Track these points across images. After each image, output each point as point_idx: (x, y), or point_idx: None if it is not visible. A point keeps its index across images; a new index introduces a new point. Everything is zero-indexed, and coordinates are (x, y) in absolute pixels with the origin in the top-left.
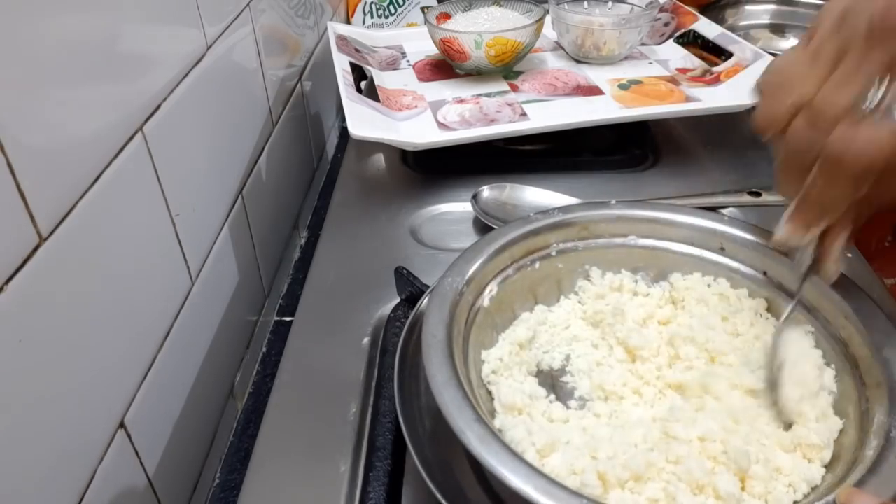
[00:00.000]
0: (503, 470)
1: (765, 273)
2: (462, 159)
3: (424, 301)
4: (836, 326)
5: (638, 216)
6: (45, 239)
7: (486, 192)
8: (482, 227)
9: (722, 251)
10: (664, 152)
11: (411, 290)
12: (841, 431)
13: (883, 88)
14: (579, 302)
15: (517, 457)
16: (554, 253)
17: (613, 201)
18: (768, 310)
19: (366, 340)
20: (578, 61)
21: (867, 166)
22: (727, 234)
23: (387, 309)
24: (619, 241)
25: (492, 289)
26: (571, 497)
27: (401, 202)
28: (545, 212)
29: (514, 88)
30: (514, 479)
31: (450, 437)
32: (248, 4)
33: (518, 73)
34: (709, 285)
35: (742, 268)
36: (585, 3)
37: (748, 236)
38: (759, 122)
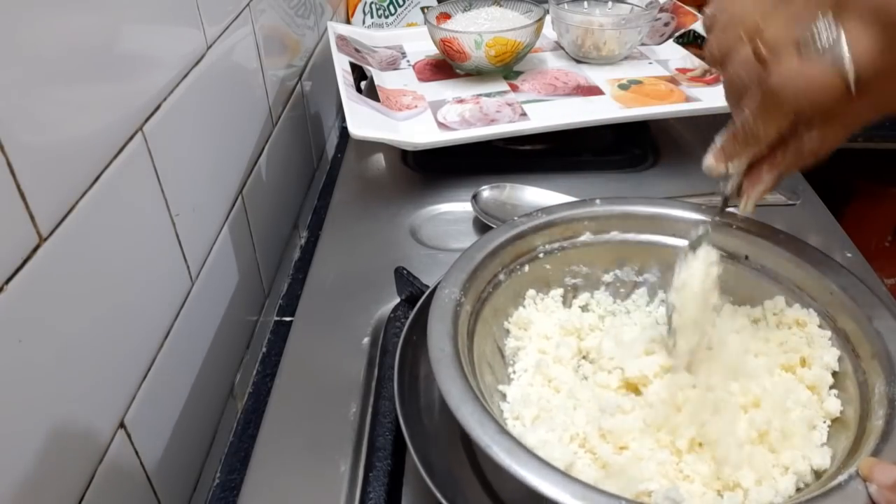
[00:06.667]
0: (536, 479)
1: (746, 257)
2: (462, 159)
3: (426, 307)
4: (822, 303)
5: (618, 212)
6: (45, 239)
7: (486, 192)
8: (482, 227)
9: None
10: (664, 152)
11: (411, 290)
12: (843, 403)
13: (829, 29)
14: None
15: (547, 465)
16: (541, 255)
17: (597, 200)
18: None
19: (366, 340)
20: (578, 61)
21: (800, 102)
22: (706, 221)
23: (387, 309)
24: (603, 237)
25: (486, 297)
26: (610, 500)
27: (401, 202)
28: (528, 214)
29: (514, 88)
30: (548, 487)
31: (450, 437)
32: (248, 4)
33: (518, 73)
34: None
35: (723, 254)
36: (585, 3)
37: (728, 222)
38: (712, 51)
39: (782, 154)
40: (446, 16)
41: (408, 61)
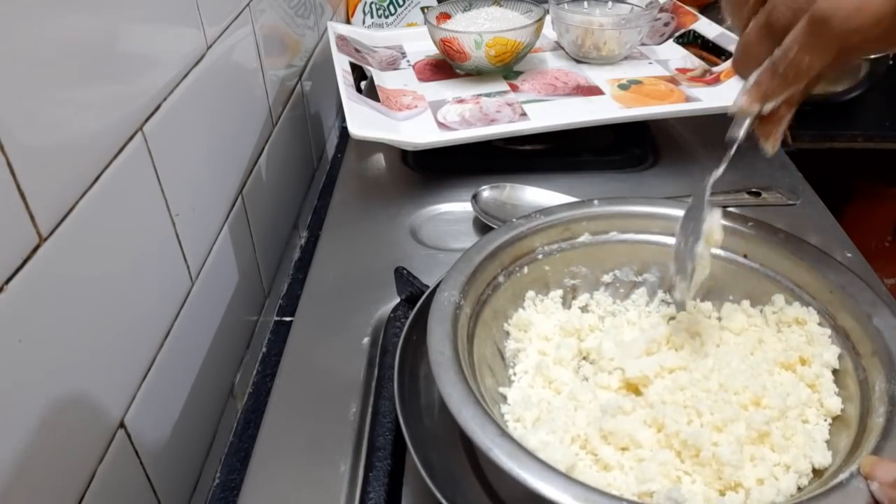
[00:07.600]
0: (538, 482)
1: (745, 256)
2: (462, 159)
3: (426, 307)
4: (822, 301)
5: (617, 212)
6: (45, 239)
7: (486, 192)
8: (482, 227)
9: None
10: (664, 152)
11: (411, 290)
12: (843, 401)
13: None
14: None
15: (549, 467)
16: (540, 256)
17: (595, 200)
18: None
19: (366, 340)
20: (578, 61)
21: (854, 29)
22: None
23: (387, 309)
24: (602, 238)
25: (486, 299)
26: (611, 501)
27: (401, 202)
28: (527, 216)
29: (514, 88)
30: (550, 489)
31: (450, 437)
32: (248, 4)
33: (518, 73)
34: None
35: (722, 253)
36: (585, 3)
37: (725, 221)
38: None
39: (805, 87)
40: (446, 16)
41: (408, 61)
